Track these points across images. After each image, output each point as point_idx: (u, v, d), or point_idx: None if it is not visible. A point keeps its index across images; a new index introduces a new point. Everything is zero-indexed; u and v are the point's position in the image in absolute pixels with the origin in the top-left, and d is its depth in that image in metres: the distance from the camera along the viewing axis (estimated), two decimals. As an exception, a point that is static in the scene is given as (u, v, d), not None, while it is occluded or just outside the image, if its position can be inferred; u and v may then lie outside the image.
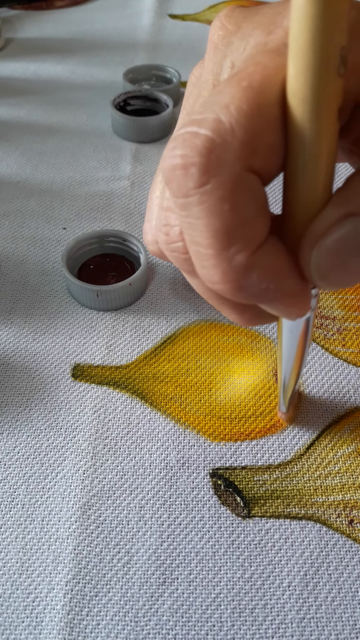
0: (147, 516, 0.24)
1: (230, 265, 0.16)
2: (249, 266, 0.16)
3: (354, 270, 0.16)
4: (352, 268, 0.16)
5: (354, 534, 0.24)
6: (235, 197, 0.15)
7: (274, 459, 0.26)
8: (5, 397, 0.28)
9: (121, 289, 0.31)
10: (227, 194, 0.15)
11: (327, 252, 0.15)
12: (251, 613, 0.22)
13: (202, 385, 0.29)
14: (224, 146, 0.14)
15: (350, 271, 0.16)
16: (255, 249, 0.16)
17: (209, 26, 0.61)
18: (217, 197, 0.15)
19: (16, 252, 0.35)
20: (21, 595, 0.22)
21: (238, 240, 0.15)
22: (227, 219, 0.15)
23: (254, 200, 0.15)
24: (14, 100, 0.48)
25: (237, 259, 0.15)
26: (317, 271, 0.16)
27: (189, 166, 0.15)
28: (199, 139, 0.15)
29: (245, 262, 0.16)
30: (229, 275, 0.16)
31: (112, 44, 0.57)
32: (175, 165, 0.15)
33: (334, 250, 0.15)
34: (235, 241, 0.15)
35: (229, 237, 0.15)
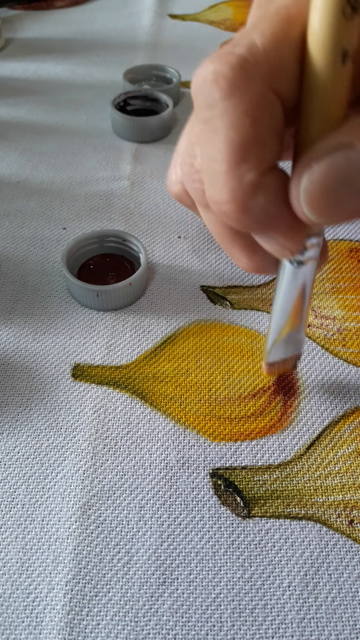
0: (147, 516, 0.24)
1: (240, 183, 0.16)
2: (257, 186, 0.16)
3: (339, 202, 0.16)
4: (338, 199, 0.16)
5: (354, 534, 0.24)
6: (258, 114, 0.16)
7: (274, 459, 0.26)
8: (6, 397, 0.28)
9: (121, 289, 0.31)
10: (250, 109, 0.16)
11: (316, 178, 0.16)
12: (251, 613, 0.22)
13: (202, 385, 0.29)
14: (255, 65, 0.15)
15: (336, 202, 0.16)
16: (265, 170, 0.16)
17: (209, 26, 0.61)
18: (241, 111, 0.16)
19: (16, 252, 0.35)
20: (21, 595, 0.22)
21: (252, 157, 0.16)
22: (246, 133, 0.16)
23: (273, 121, 0.16)
24: (14, 100, 0.48)
25: (248, 176, 0.16)
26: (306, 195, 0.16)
27: (219, 78, 0.15)
28: (233, 56, 0.15)
29: (255, 180, 0.16)
30: (237, 193, 0.16)
31: (112, 44, 0.57)
32: (206, 78, 0.16)
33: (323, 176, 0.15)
34: (249, 158, 0.16)
35: (244, 152, 0.16)
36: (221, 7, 0.65)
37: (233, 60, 0.15)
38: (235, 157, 0.16)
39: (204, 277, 0.34)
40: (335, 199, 0.16)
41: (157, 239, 0.36)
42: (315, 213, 0.16)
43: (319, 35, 0.15)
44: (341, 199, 0.16)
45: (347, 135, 0.15)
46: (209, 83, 0.16)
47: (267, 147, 0.16)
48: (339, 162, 0.15)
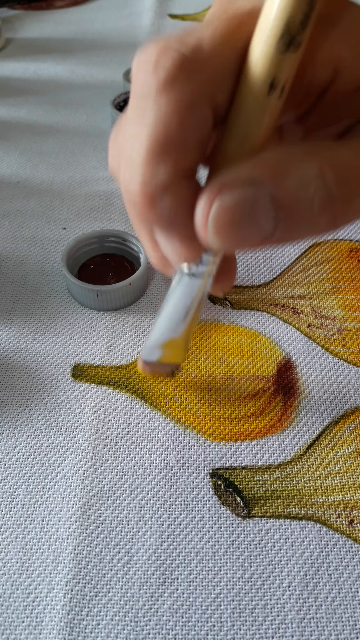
0: (147, 516, 0.24)
1: (152, 179, 0.16)
2: (167, 188, 0.16)
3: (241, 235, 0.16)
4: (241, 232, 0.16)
5: (354, 534, 0.24)
6: (186, 116, 0.16)
7: (274, 459, 0.26)
8: (6, 397, 0.28)
9: (121, 289, 0.31)
10: (181, 109, 0.15)
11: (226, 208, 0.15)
12: (251, 613, 0.22)
13: (202, 385, 0.29)
14: (196, 68, 0.15)
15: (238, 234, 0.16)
16: (179, 175, 0.16)
17: (209, 26, 0.61)
18: (172, 108, 0.15)
19: (16, 252, 0.35)
20: (21, 595, 0.22)
21: (170, 158, 0.16)
22: (170, 132, 0.16)
23: (200, 128, 0.16)
24: (14, 100, 0.48)
25: (161, 176, 0.16)
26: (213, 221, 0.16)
27: (159, 69, 0.15)
28: (178, 52, 0.15)
29: (167, 181, 0.16)
30: (147, 188, 0.16)
31: (112, 44, 0.57)
32: (147, 64, 0.16)
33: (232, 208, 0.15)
34: (167, 158, 0.16)
35: (164, 151, 0.16)
36: (221, 7, 0.65)
37: (176, 57, 0.15)
38: (154, 152, 0.16)
39: (204, 277, 0.34)
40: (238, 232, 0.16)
41: (157, 239, 0.36)
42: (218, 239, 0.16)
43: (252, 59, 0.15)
44: (243, 233, 0.16)
45: (262, 170, 0.15)
46: (149, 71, 0.16)
47: (187, 151, 0.16)
48: (249, 197, 0.15)
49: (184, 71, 0.15)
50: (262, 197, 0.15)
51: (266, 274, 0.34)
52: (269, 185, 0.15)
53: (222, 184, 0.15)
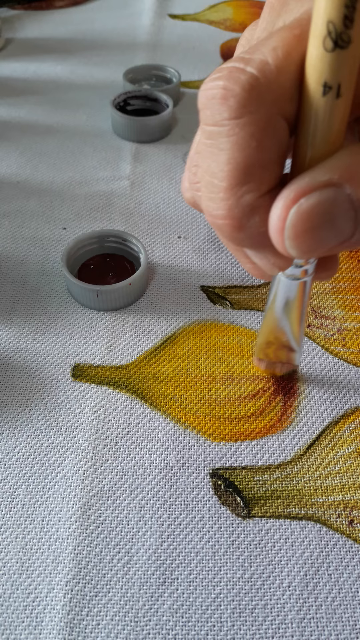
0: (147, 516, 0.24)
1: (238, 202, 0.16)
2: (255, 207, 0.16)
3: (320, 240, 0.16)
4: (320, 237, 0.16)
5: (354, 534, 0.24)
6: (264, 138, 0.15)
7: (274, 459, 0.26)
8: (6, 397, 0.28)
9: (121, 289, 0.31)
10: (258, 132, 0.15)
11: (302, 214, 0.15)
12: (251, 613, 0.22)
13: (202, 385, 0.29)
14: (267, 86, 0.15)
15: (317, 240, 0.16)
16: (264, 193, 0.16)
17: (209, 26, 0.61)
18: (248, 133, 0.15)
19: (16, 252, 0.35)
20: (21, 595, 0.22)
21: (253, 179, 0.16)
22: (250, 156, 0.16)
23: (278, 145, 0.16)
24: (14, 100, 0.48)
25: (246, 198, 0.16)
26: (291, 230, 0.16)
27: (229, 97, 0.15)
28: (244, 74, 0.15)
29: (253, 202, 0.16)
30: (234, 212, 0.16)
31: (112, 44, 0.57)
32: (215, 94, 0.15)
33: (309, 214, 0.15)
34: (250, 180, 0.16)
35: (246, 174, 0.16)
36: (221, 7, 0.65)
37: (244, 80, 0.15)
38: (236, 177, 0.16)
39: (204, 277, 0.34)
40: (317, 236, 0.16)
41: (157, 239, 0.36)
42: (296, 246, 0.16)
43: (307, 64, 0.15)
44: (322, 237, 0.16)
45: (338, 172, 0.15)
46: (218, 100, 0.15)
47: (269, 170, 0.16)
48: (327, 200, 0.15)
49: (255, 93, 0.15)
50: (341, 199, 0.15)
51: (266, 274, 0.34)
52: (347, 187, 0.15)
53: (299, 189, 0.15)
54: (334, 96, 0.15)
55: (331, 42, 0.14)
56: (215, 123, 0.16)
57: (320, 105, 0.15)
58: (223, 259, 0.35)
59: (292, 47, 0.15)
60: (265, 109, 0.15)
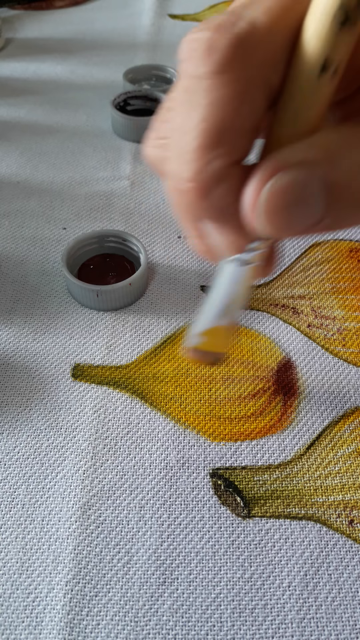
0: (147, 516, 0.24)
1: (206, 166, 0.15)
2: (223, 175, 0.15)
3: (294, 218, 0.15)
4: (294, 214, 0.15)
5: (354, 534, 0.24)
6: (243, 101, 0.15)
7: (274, 459, 0.26)
8: (6, 397, 0.28)
9: (121, 289, 0.31)
10: (237, 94, 0.14)
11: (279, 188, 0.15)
12: (251, 613, 0.22)
13: (202, 385, 0.29)
14: (254, 47, 0.14)
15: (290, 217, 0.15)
16: (233, 163, 0.15)
17: (209, 26, 0.61)
18: (228, 92, 0.14)
19: (16, 252, 0.35)
20: (21, 595, 0.22)
21: (225, 144, 0.15)
22: (227, 117, 0.15)
23: (256, 111, 0.15)
24: (14, 100, 0.48)
25: (216, 163, 0.15)
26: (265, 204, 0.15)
27: (214, 50, 0.14)
28: (233, 29, 0.14)
29: (222, 169, 0.15)
30: (201, 176, 0.15)
31: (112, 44, 0.57)
32: (200, 46, 0.14)
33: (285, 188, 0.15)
34: (223, 144, 0.15)
35: (219, 137, 0.15)
36: (221, 7, 0.65)
37: (232, 35, 0.14)
38: (208, 138, 0.15)
39: (204, 277, 0.34)
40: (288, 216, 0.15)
41: (157, 239, 0.36)
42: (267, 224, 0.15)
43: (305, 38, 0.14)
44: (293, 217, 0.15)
45: (315, 152, 0.15)
46: (201, 52, 0.14)
47: (242, 139, 0.15)
48: (302, 179, 0.14)
49: (240, 53, 0.14)
50: (315, 180, 0.14)
51: (266, 274, 0.34)
52: (322, 168, 0.14)
53: (275, 165, 0.15)
54: (329, 77, 0.15)
55: (342, 18, 0.14)
56: (196, 76, 0.15)
57: (311, 84, 0.15)
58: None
59: (287, 12, 0.14)
60: (250, 70, 0.14)
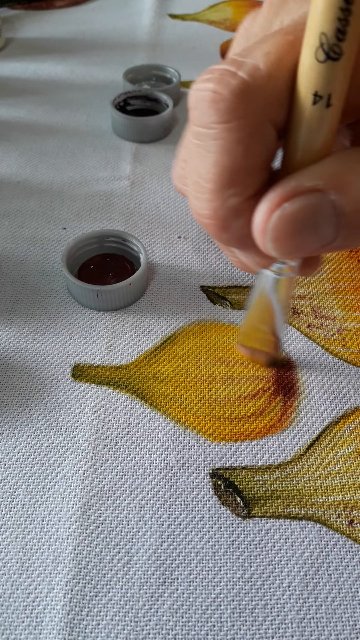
0: (147, 516, 0.24)
1: (223, 205, 0.16)
2: (240, 210, 0.16)
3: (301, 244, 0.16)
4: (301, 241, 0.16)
5: (354, 534, 0.24)
6: (251, 143, 0.16)
7: (274, 459, 0.26)
8: (6, 397, 0.28)
9: (121, 289, 0.31)
10: (245, 137, 0.15)
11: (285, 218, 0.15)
12: (251, 613, 0.22)
13: (202, 385, 0.29)
14: (257, 92, 0.15)
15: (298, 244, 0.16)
16: (249, 197, 0.16)
17: (209, 26, 0.61)
18: (235, 138, 0.15)
19: (16, 252, 0.35)
20: (21, 595, 0.22)
21: (239, 183, 0.16)
22: (236, 161, 0.16)
23: (266, 151, 0.16)
24: (14, 100, 0.48)
25: (231, 201, 0.16)
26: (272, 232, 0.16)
27: (218, 101, 0.15)
28: (235, 79, 0.15)
29: (238, 206, 0.16)
30: (219, 213, 0.17)
31: (112, 44, 0.57)
32: (205, 97, 0.15)
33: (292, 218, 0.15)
34: (236, 184, 0.16)
35: (232, 178, 0.16)
36: (221, 7, 0.65)
37: (235, 84, 0.15)
38: (222, 181, 0.16)
39: (204, 277, 0.34)
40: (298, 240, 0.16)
41: (157, 239, 0.36)
42: (277, 249, 0.16)
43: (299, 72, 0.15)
44: (303, 241, 0.16)
45: (324, 178, 0.15)
46: (207, 103, 0.15)
47: (255, 175, 0.16)
48: (311, 205, 0.15)
49: (244, 101, 0.15)
50: (325, 205, 0.15)
51: (266, 274, 0.34)
52: (331, 193, 0.15)
53: (283, 194, 0.15)
54: (323, 106, 0.15)
55: (323, 53, 0.14)
56: (204, 125, 0.16)
57: (310, 114, 0.16)
58: (223, 259, 0.35)
59: (285, 54, 0.15)
60: (254, 114, 0.15)
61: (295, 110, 0.16)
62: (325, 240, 0.16)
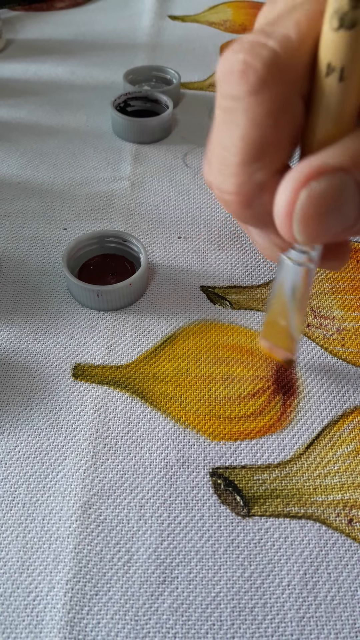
0: (147, 515, 0.24)
1: (249, 179, 0.16)
2: (265, 186, 0.16)
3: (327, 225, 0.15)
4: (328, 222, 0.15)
5: (354, 533, 0.24)
6: (281, 116, 0.15)
7: (273, 458, 0.26)
8: (6, 396, 0.28)
9: (121, 289, 0.31)
10: (275, 109, 0.15)
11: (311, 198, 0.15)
12: (251, 612, 0.22)
13: (202, 385, 0.29)
14: (288, 63, 0.15)
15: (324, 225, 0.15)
16: (274, 173, 0.16)
17: (209, 27, 0.61)
18: (265, 110, 0.15)
19: (17, 253, 0.35)
20: (22, 594, 0.22)
21: (266, 157, 0.15)
22: (266, 133, 0.15)
23: (294, 124, 0.15)
24: (14, 101, 0.49)
25: (258, 175, 0.16)
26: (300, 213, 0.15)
27: (249, 72, 0.14)
28: (266, 49, 0.14)
29: (264, 180, 0.16)
30: (244, 189, 0.16)
31: (112, 45, 0.57)
32: (235, 68, 0.15)
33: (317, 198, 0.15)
34: (263, 157, 0.15)
35: (260, 152, 0.15)
36: (221, 8, 0.65)
37: (266, 55, 0.14)
38: (250, 154, 0.15)
39: (204, 277, 0.34)
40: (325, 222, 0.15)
41: (157, 239, 0.36)
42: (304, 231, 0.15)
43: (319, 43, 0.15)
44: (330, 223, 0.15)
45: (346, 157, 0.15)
46: (237, 74, 0.15)
47: (282, 149, 0.16)
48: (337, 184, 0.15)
49: (275, 72, 0.14)
50: (350, 184, 0.15)
51: (266, 274, 0.34)
52: (355, 172, 0.15)
53: (309, 173, 0.15)
54: (336, 79, 0.15)
55: (337, 20, 0.14)
56: (233, 97, 0.15)
57: (326, 87, 0.15)
58: (223, 259, 0.35)
59: (315, 22, 0.15)
60: (285, 86, 0.15)
61: (315, 84, 0.15)
62: (349, 221, 0.15)
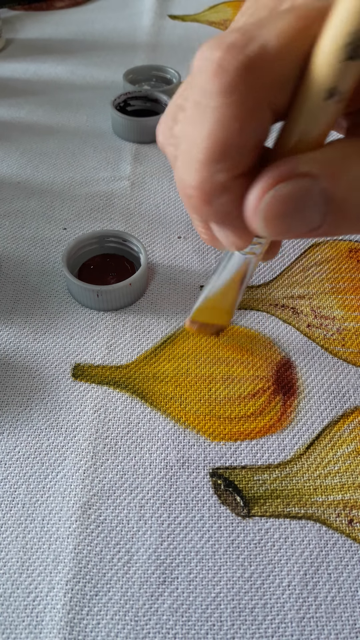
0: (147, 516, 0.24)
1: (210, 178, 0.16)
2: (226, 187, 0.17)
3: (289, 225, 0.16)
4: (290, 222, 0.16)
5: (354, 533, 0.24)
6: (247, 122, 0.16)
7: (273, 459, 0.26)
8: (6, 396, 0.28)
9: (121, 289, 0.31)
10: (242, 115, 0.15)
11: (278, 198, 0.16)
12: (251, 612, 0.22)
13: (202, 385, 0.29)
14: (262, 72, 0.15)
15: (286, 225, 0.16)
16: (236, 176, 0.16)
17: (209, 27, 0.61)
18: (234, 113, 0.15)
19: (17, 252, 0.35)
20: (22, 594, 0.22)
21: (228, 160, 0.16)
22: (230, 136, 0.16)
23: (260, 133, 0.16)
24: (14, 100, 0.48)
25: (219, 176, 0.16)
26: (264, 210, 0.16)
27: (222, 73, 0.15)
28: (242, 55, 0.15)
29: (224, 182, 0.16)
30: (205, 186, 0.17)
31: (112, 45, 0.57)
32: (209, 66, 0.15)
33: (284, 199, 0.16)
34: (226, 159, 0.16)
35: (224, 153, 0.16)
36: (221, 8, 0.65)
37: (240, 60, 0.15)
38: (214, 153, 0.16)
39: (204, 277, 0.34)
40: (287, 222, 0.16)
41: (157, 239, 0.36)
42: (267, 228, 0.16)
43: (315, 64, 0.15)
44: (291, 224, 0.16)
45: (318, 165, 0.16)
46: (211, 73, 0.15)
47: (246, 154, 0.16)
48: (302, 189, 0.15)
49: (248, 76, 0.15)
50: (315, 191, 0.15)
51: (266, 274, 0.34)
52: (323, 181, 0.15)
53: (279, 175, 0.16)
54: (335, 102, 0.15)
55: (348, 52, 0.14)
56: (204, 92, 0.16)
57: (317, 107, 0.16)
58: (223, 259, 0.35)
59: (296, 38, 0.15)
60: (256, 93, 0.15)
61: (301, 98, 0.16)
62: (312, 225, 0.16)
